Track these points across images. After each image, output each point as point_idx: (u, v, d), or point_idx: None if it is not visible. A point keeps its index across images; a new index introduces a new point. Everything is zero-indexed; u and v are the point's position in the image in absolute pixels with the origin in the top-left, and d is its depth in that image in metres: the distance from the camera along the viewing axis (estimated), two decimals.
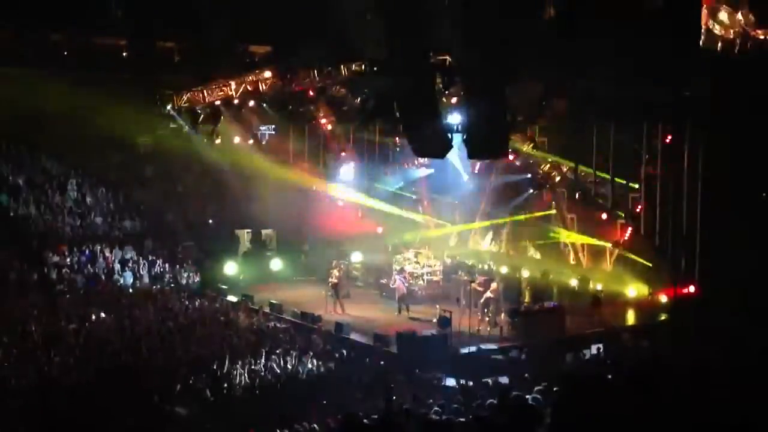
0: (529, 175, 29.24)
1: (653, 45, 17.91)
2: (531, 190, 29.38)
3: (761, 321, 20.27)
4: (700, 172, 23.27)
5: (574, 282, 27.00)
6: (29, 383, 18.19)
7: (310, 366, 19.99)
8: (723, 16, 19.98)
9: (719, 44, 20.40)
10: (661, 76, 19.32)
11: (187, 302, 26.57)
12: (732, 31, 20.18)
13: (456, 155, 27.52)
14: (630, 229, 26.11)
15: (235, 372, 19.14)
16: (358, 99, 27.74)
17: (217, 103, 29.99)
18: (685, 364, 18.53)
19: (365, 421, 10.95)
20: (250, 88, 28.86)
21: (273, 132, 32.12)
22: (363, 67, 26.36)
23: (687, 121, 23.27)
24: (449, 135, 22.14)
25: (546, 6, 17.81)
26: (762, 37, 20.06)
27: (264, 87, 28.56)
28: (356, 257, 31.53)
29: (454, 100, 23.99)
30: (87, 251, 30.34)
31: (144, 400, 17.28)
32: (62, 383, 18.18)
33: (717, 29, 19.81)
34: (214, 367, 19.38)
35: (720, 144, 22.58)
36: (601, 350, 21.60)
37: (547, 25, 17.73)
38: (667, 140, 24.47)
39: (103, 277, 29.42)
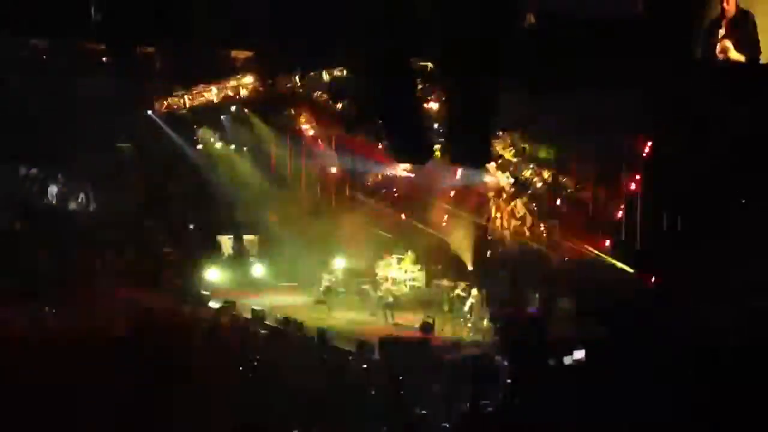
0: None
1: (633, 53, 18.01)
2: None
3: (744, 327, 20.41)
4: (682, 178, 23.38)
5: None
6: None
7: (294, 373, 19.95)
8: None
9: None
10: (642, 84, 19.42)
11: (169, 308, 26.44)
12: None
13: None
14: (611, 235, 26.18)
15: (218, 378, 19.06)
16: (340, 105, 27.75)
17: (199, 108, 29.95)
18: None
19: None
20: (231, 93, 28.83)
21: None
22: (345, 72, 26.37)
23: (668, 128, 23.37)
24: (431, 142, 22.21)
25: (526, 13, 17.89)
26: None
27: (245, 92, 28.52)
28: (339, 263, 31.47)
29: (435, 106, 24.03)
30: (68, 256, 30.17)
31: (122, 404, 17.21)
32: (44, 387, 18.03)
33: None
34: (197, 374, 19.29)
35: (701, 150, 22.69)
36: (583, 356, 21.67)
37: (527, 33, 17.81)
38: (648, 147, 24.57)
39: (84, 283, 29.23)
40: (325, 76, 27.55)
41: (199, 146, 32.39)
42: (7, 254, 29.28)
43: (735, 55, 18.52)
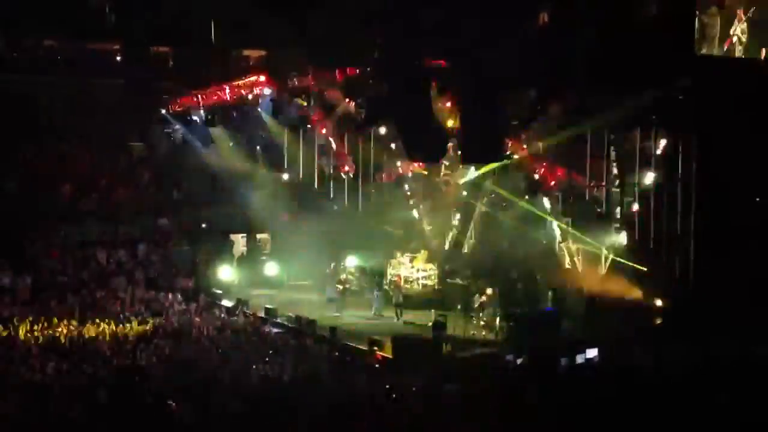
0: None
1: (648, 51, 17.99)
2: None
3: (755, 325, 20.33)
4: (695, 176, 23.30)
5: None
6: (24, 388, 18.12)
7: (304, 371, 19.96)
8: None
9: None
10: (656, 82, 19.38)
11: (182, 307, 26.54)
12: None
13: None
14: (625, 233, 26.09)
15: (228, 376, 19.09)
16: (354, 104, 27.76)
17: (212, 107, 30.06)
18: (678, 369, 18.65)
19: None
20: (244, 93, 28.90)
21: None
22: (359, 72, 26.41)
23: (682, 126, 23.31)
24: (444, 139, 22.24)
25: (539, 13, 17.91)
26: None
27: (258, 91, 28.57)
28: (351, 261, 31.46)
29: (449, 105, 23.99)
30: (80, 256, 30.31)
31: (137, 402, 17.24)
32: (56, 388, 18.10)
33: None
34: (208, 372, 19.34)
35: (715, 148, 22.63)
36: (596, 355, 21.63)
37: (540, 32, 17.82)
38: (662, 145, 24.50)
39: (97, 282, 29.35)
40: (338, 76, 27.57)
41: (212, 144, 32.42)
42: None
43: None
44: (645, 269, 24.76)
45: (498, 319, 24.56)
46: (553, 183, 27.28)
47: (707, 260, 23.05)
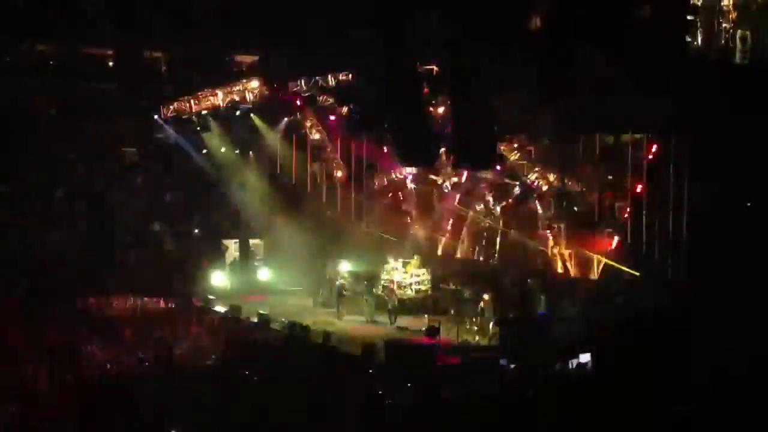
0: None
1: (640, 54, 18.03)
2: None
3: (749, 330, 20.36)
4: (687, 180, 23.37)
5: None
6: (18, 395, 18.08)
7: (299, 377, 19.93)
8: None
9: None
10: (648, 86, 19.42)
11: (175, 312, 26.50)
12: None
13: None
14: (617, 238, 26.17)
15: (221, 382, 19.09)
16: (346, 108, 27.78)
17: (204, 112, 30.04)
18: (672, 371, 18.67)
19: None
20: (237, 98, 28.94)
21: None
22: (351, 76, 26.45)
23: (673, 129, 23.38)
24: (436, 144, 22.23)
25: (532, 16, 17.93)
26: None
27: (251, 97, 28.60)
28: (344, 266, 31.44)
29: (441, 109, 24.03)
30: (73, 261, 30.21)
31: (130, 410, 17.22)
32: (49, 393, 18.08)
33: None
34: (203, 377, 19.34)
35: (706, 152, 22.69)
36: (589, 360, 21.63)
37: (533, 35, 17.84)
38: (654, 149, 24.58)
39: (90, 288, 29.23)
40: (331, 81, 27.62)
41: (205, 150, 32.40)
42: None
43: None
44: (637, 274, 24.85)
45: (491, 324, 24.61)
46: (545, 188, 27.38)
47: (700, 264, 23.11)
